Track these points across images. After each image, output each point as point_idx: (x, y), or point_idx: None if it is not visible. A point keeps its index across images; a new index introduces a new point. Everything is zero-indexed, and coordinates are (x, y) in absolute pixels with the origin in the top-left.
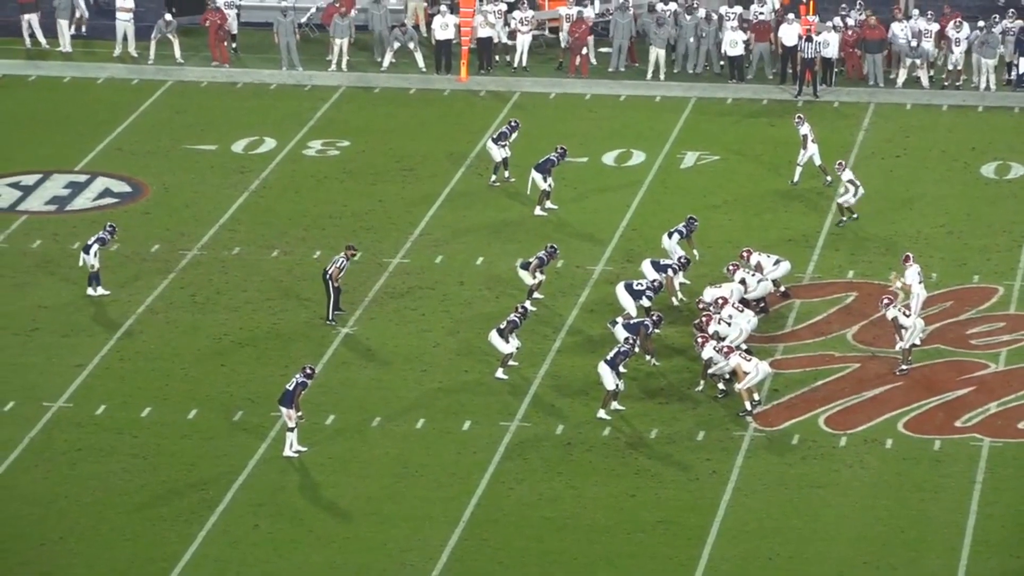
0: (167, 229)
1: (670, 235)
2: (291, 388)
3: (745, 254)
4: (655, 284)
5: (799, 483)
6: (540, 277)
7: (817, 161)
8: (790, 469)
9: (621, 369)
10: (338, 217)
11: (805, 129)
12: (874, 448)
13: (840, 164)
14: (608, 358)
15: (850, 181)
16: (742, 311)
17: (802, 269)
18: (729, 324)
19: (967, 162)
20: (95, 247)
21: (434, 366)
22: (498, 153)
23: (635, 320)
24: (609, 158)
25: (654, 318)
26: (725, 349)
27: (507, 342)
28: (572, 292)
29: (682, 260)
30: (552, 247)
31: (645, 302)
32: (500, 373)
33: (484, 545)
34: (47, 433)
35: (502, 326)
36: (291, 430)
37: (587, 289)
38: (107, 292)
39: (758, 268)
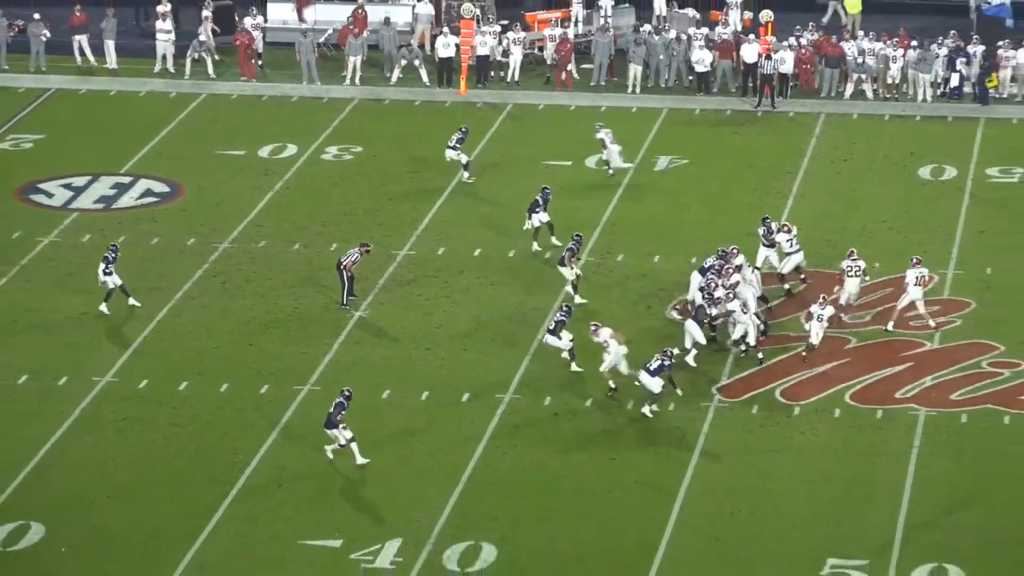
0: (201, 225)
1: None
2: (332, 411)
3: (786, 226)
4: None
5: (758, 448)
6: (577, 270)
7: (615, 162)
8: (750, 436)
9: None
10: (352, 214)
11: (602, 134)
12: (824, 417)
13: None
14: (651, 368)
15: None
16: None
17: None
18: (734, 296)
19: (906, 165)
20: (107, 267)
21: (437, 345)
22: (454, 156)
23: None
24: (591, 162)
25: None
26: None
27: (559, 339)
28: (559, 280)
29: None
30: (577, 236)
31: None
32: (574, 367)
33: (481, 504)
34: (96, 405)
35: (552, 327)
36: (352, 441)
37: (572, 277)
38: (138, 304)
39: (772, 244)
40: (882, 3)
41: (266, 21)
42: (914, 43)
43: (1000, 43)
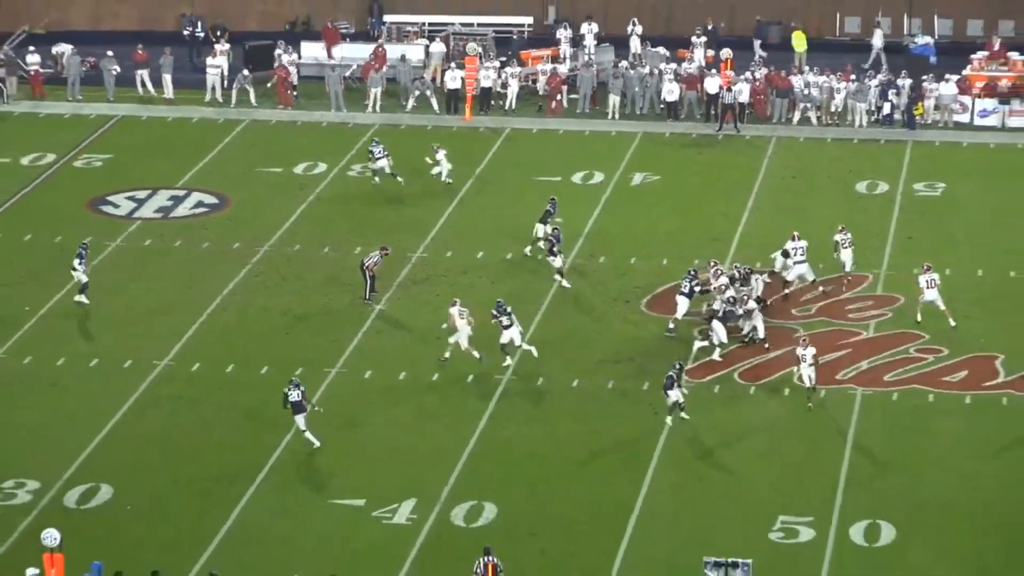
0: (245, 231)
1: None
2: (299, 399)
3: (796, 235)
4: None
5: (720, 422)
6: (560, 258)
7: (443, 176)
8: (713, 412)
9: (680, 387)
10: (373, 222)
11: (440, 155)
12: (775, 395)
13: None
14: (665, 384)
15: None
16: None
17: (722, 262)
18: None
19: (846, 181)
20: (78, 261)
21: (446, 335)
22: (384, 165)
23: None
24: (577, 177)
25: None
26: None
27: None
28: (550, 276)
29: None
30: (556, 229)
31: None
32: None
33: (483, 470)
34: (155, 385)
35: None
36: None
37: (559, 264)
38: (87, 302)
39: (785, 254)
40: (825, 42)
41: (300, 58)
42: (852, 76)
43: (925, 77)
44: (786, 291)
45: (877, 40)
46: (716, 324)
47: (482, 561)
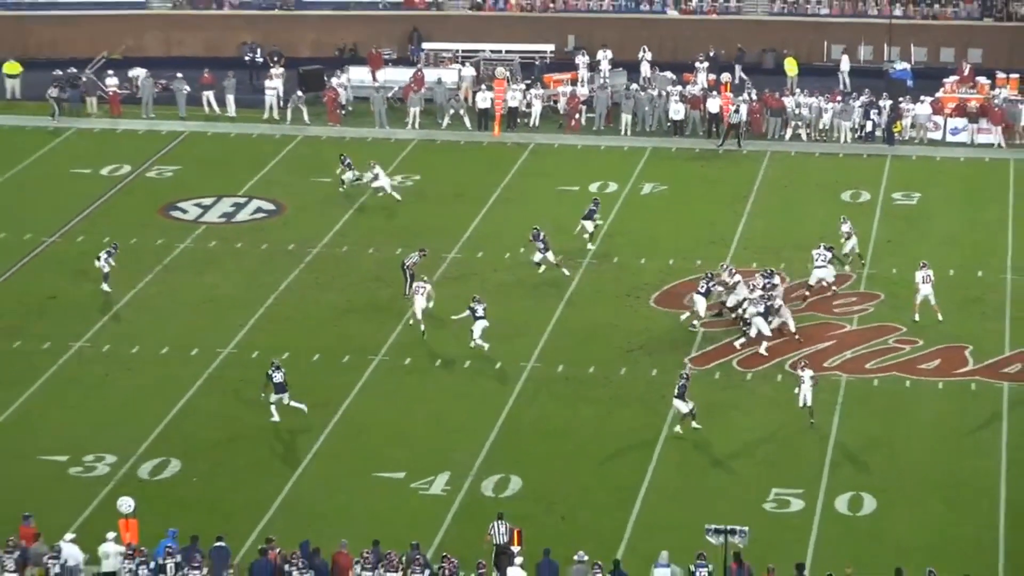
0: (299, 234)
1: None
2: (282, 380)
3: (822, 244)
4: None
5: (720, 405)
6: (546, 256)
7: (388, 189)
8: (713, 395)
9: (684, 399)
10: (412, 226)
11: (377, 170)
12: (769, 381)
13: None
14: (676, 393)
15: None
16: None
17: (722, 258)
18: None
19: (832, 191)
20: (105, 256)
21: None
22: (349, 176)
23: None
24: (593, 187)
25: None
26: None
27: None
28: (570, 275)
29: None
30: (536, 229)
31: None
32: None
33: (510, 446)
34: (220, 370)
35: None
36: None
37: (579, 273)
38: (109, 290)
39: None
40: (814, 67)
41: (348, 80)
42: (839, 98)
43: (902, 98)
44: (807, 294)
45: (844, 65)
46: (758, 319)
47: (497, 525)
